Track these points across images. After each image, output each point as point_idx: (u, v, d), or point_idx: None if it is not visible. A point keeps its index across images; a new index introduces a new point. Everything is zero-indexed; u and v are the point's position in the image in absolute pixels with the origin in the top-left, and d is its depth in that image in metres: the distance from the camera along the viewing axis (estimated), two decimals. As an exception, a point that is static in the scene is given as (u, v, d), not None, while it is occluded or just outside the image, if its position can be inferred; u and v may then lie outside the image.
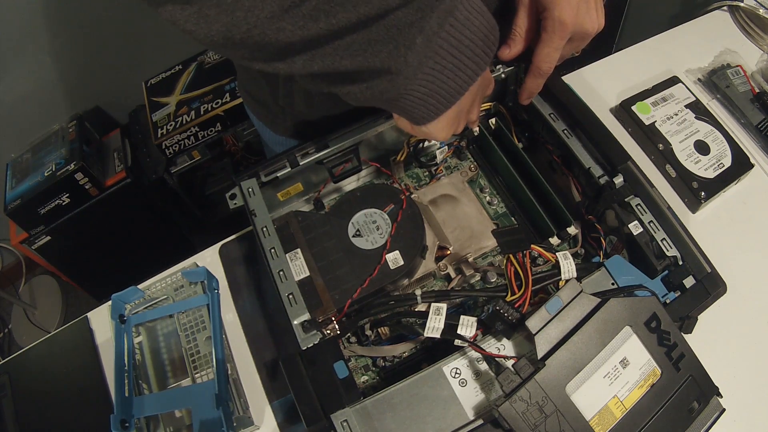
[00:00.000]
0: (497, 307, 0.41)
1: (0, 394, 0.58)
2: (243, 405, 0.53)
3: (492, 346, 0.42)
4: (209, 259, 0.63)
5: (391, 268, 0.49)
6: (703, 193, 0.62)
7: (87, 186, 1.28)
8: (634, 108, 0.68)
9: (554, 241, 0.52)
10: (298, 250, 0.50)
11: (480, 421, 0.38)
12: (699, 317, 0.45)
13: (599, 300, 0.40)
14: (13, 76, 1.31)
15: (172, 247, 1.52)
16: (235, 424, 0.51)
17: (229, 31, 0.34)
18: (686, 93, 0.70)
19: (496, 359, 0.41)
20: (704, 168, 0.64)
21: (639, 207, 0.49)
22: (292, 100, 0.57)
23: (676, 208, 0.49)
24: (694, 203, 0.63)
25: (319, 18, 0.34)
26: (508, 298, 0.44)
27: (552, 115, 0.55)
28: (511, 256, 0.44)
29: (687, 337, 0.41)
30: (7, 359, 0.61)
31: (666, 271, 0.46)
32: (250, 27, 0.34)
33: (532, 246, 0.46)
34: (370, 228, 0.52)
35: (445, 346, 0.43)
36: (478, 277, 0.52)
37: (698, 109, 0.68)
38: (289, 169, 0.54)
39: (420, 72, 0.38)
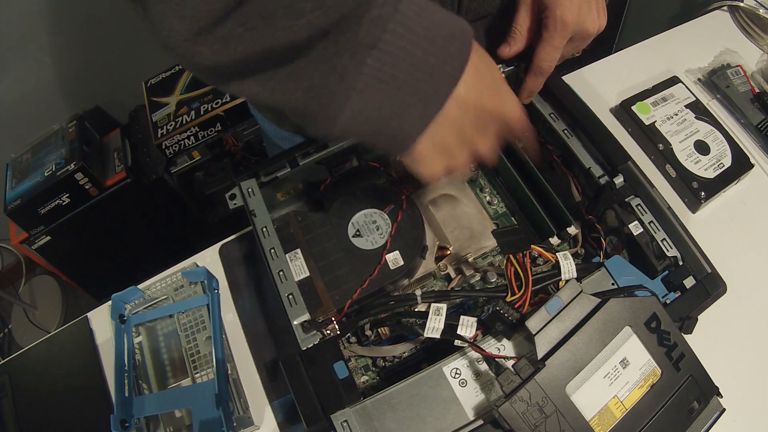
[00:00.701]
0: (497, 308, 0.41)
1: (0, 394, 0.58)
2: (243, 405, 0.53)
3: (492, 346, 0.42)
4: (209, 259, 0.63)
5: (391, 268, 0.49)
6: (703, 193, 0.62)
7: (87, 186, 1.28)
8: (634, 108, 0.68)
9: (554, 241, 0.52)
10: (298, 250, 0.50)
11: (480, 422, 0.38)
12: (699, 317, 0.45)
13: (599, 300, 0.40)
14: (13, 76, 1.31)
15: (172, 247, 1.52)
16: (235, 424, 0.51)
17: (164, 45, 0.34)
18: (686, 93, 0.70)
19: (496, 359, 0.41)
20: (704, 168, 0.64)
21: (639, 207, 0.49)
22: None
23: (676, 208, 0.49)
24: (694, 203, 0.63)
25: (230, 44, 0.32)
26: (508, 299, 0.44)
27: (552, 115, 0.55)
28: (511, 256, 0.44)
29: (687, 337, 0.41)
30: (7, 359, 0.61)
31: (666, 272, 0.46)
32: (174, 47, 0.33)
33: (532, 246, 0.46)
34: (370, 228, 0.52)
35: (445, 346, 0.43)
36: (478, 277, 0.52)
37: (698, 109, 0.68)
38: (289, 169, 0.54)
39: (342, 114, 0.33)
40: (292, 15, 0.30)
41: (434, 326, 0.43)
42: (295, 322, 0.45)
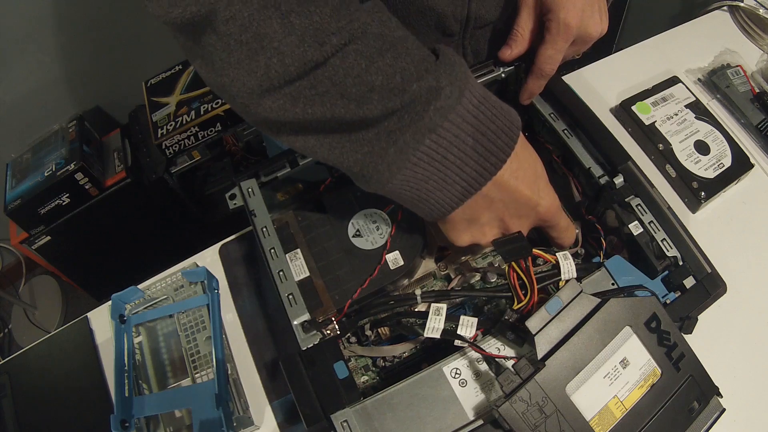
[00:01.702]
0: (506, 317, 0.42)
1: (0, 394, 0.58)
2: (243, 405, 0.53)
3: (492, 346, 0.42)
4: (209, 259, 0.63)
5: (391, 268, 0.49)
6: (703, 193, 0.62)
7: (87, 186, 1.28)
8: (634, 108, 0.68)
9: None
10: (298, 250, 0.50)
11: (480, 422, 0.38)
12: (699, 317, 0.45)
13: (599, 300, 0.40)
14: (14, 76, 1.31)
15: (172, 247, 1.51)
16: (235, 424, 0.51)
17: (221, 91, 0.36)
18: (686, 93, 0.70)
19: (496, 359, 0.41)
20: (704, 168, 0.64)
21: (639, 207, 0.49)
22: None
23: (676, 208, 0.49)
24: (694, 203, 0.63)
25: (298, 103, 0.34)
26: (515, 306, 0.44)
27: (552, 115, 0.55)
28: (513, 263, 0.44)
29: (687, 337, 0.41)
30: (7, 359, 0.61)
31: (666, 272, 0.46)
32: (234, 95, 0.35)
33: (534, 251, 0.46)
34: (370, 228, 0.52)
35: (445, 346, 0.43)
36: (477, 277, 0.52)
37: (698, 109, 0.68)
38: (289, 169, 0.54)
39: (394, 179, 0.37)
40: (363, 86, 0.33)
41: (434, 326, 0.43)
42: (295, 322, 0.45)
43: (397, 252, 0.50)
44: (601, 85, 0.73)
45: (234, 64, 0.33)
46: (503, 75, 0.56)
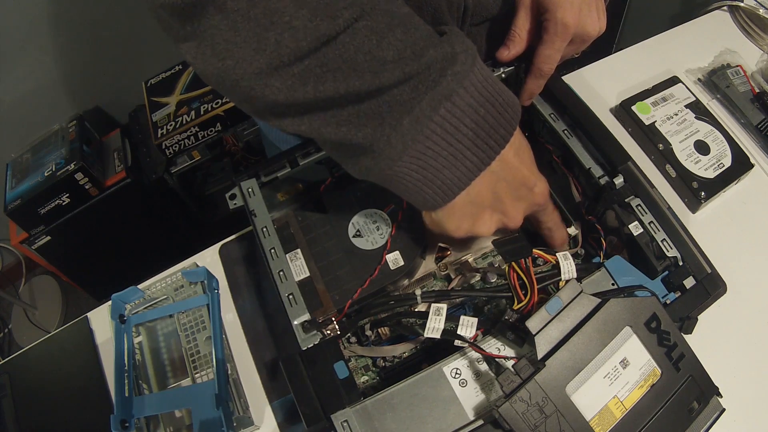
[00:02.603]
0: (507, 317, 0.42)
1: (0, 394, 0.58)
2: (243, 405, 0.53)
3: (492, 346, 0.42)
4: (209, 259, 0.63)
5: (392, 268, 0.49)
6: (703, 193, 0.62)
7: (87, 186, 1.28)
8: (634, 108, 0.68)
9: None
10: (298, 250, 0.50)
11: (480, 422, 0.38)
12: (699, 317, 0.45)
13: (599, 300, 0.40)
14: (14, 76, 1.31)
15: (172, 247, 1.52)
16: (235, 424, 0.51)
17: (220, 77, 0.34)
18: (686, 93, 0.70)
19: (496, 359, 0.41)
20: (704, 168, 0.64)
21: (639, 207, 0.49)
22: None
23: (676, 208, 0.49)
24: (694, 203, 0.63)
25: (308, 82, 0.33)
26: (515, 307, 0.44)
27: (552, 115, 0.55)
28: (513, 263, 0.44)
29: (687, 337, 0.41)
30: (7, 359, 0.61)
31: (666, 272, 0.46)
32: (238, 78, 0.33)
33: (534, 251, 0.46)
34: (370, 228, 0.52)
35: (446, 346, 0.43)
36: (478, 277, 0.52)
37: (698, 109, 0.68)
38: (289, 169, 0.54)
39: (405, 155, 0.35)
40: (375, 61, 0.33)
41: (434, 326, 0.43)
42: (295, 322, 0.45)
43: (397, 252, 0.50)
44: (601, 85, 0.73)
45: (240, 44, 0.32)
46: (503, 75, 0.56)
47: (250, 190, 0.52)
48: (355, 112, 0.34)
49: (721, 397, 0.41)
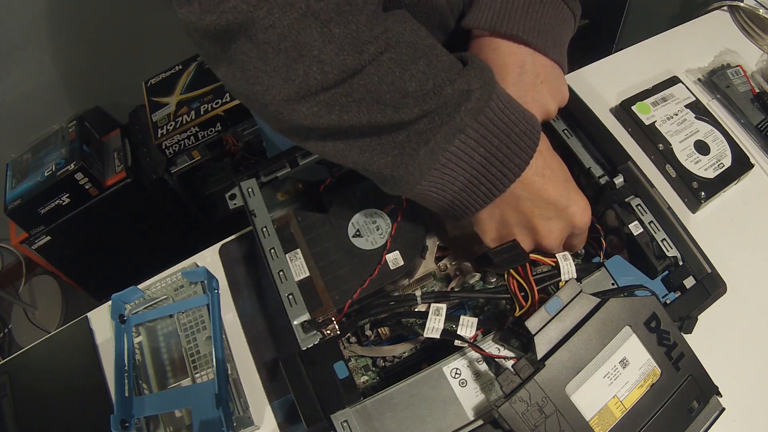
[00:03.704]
0: (510, 324, 0.42)
1: (0, 394, 0.58)
2: (243, 405, 0.53)
3: (492, 346, 0.42)
4: (209, 259, 0.63)
5: (391, 268, 0.49)
6: (703, 193, 0.62)
7: (87, 186, 1.28)
8: (634, 108, 0.68)
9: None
10: (298, 250, 0.50)
11: (480, 422, 0.38)
12: (699, 317, 0.45)
13: (599, 300, 0.40)
14: (13, 76, 1.31)
15: (172, 247, 1.51)
16: (235, 424, 0.51)
17: (250, 98, 0.36)
18: (686, 93, 0.70)
19: (496, 359, 0.41)
20: (704, 168, 0.64)
21: (639, 207, 0.49)
22: None
23: (676, 208, 0.49)
24: (694, 203, 0.63)
25: (333, 110, 0.35)
26: (517, 313, 0.44)
27: (552, 115, 0.55)
28: (512, 270, 0.44)
29: (687, 337, 0.41)
30: (7, 359, 0.61)
31: (666, 272, 0.46)
32: (267, 103, 0.35)
33: (531, 256, 0.46)
34: (370, 228, 0.52)
35: (445, 346, 0.43)
36: (478, 277, 0.52)
37: (698, 109, 0.68)
38: (289, 169, 0.54)
39: (423, 180, 0.38)
40: (397, 92, 0.35)
41: (434, 326, 0.43)
42: (295, 322, 0.45)
43: (397, 252, 0.50)
44: (601, 85, 0.73)
45: (270, 72, 0.33)
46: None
47: (250, 190, 0.52)
48: (377, 141, 0.37)
49: (721, 396, 0.41)
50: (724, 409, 0.40)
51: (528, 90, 0.44)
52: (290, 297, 0.46)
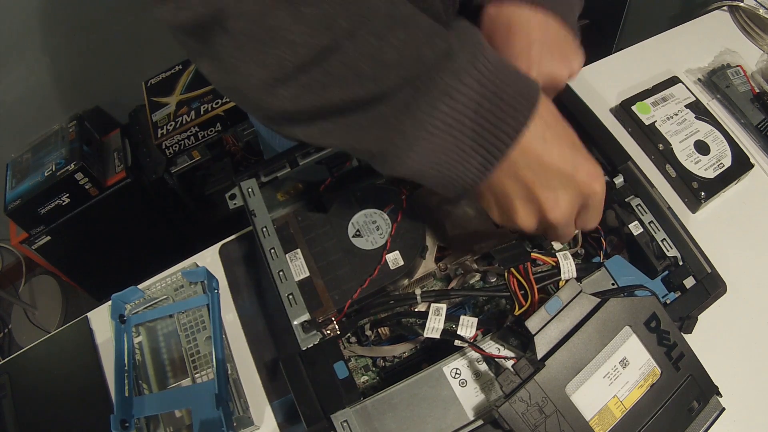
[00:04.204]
0: (509, 324, 0.42)
1: (0, 394, 0.58)
2: (243, 405, 0.53)
3: (492, 346, 0.42)
4: (209, 259, 0.63)
5: (391, 268, 0.49)
6: (703, 193, 0.62)
7: (87, 186, 1.28)
8: (634, 108, 0.68)
9: (556, 245, 0.52)
10: (298, 250, 0.50)
11: (480, 422, 0.38)
12: (699, 317, 0.45)
13: (599, 300, 0.40)
14: (14, 76, 1.31)
15: (172, 247, 1.52)
16: (235, 424, 0.51)
17: (232, 89, 0.36)
18: (686, 93, 0.70)
19: (496, 359, 0.41)
20: (704, 168, 0.64)
21: (639, 207, 0.49)
22: None
23: (676, 208, 0.49)
24: (694, 203, 0.63)
25: (313, 91, 0.34)
26: (517, 312, 0.44)
27: (552, 115, 0.54)
28: (512, 269, 0.44)
29: (687, 337, 0.41)
30: (7, 359, 0.61)
31: (666, 272, 0.46)
32: (247, 91, 0.35)
33: (532, 254, 0.46)
34: (370, 228, 0.52)
35: (445, 346, 0.43)
36: (478, 277, 0.52)
37: (698, 109, 0.68)
38: (289, 169, 0.54)
39: (413, 154, 0.36)
40: (378, 66, 0.33)
41: (434, 326, 0.43)
42: (295, 322, 0.45)
43: (397, 252, 0.50)
44: (601, 85, 0.73)
45: (246, 60, 0.33)
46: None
47: (250, 190, 0.52)
48: (362, 117, 0.35)
49: (721, 396, 0.41)
50: (724, 409, 0.40)
51: (537, 55, 0.42)
52: (290, 297, 0.46)
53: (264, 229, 0.50)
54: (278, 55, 0.32)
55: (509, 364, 0.39)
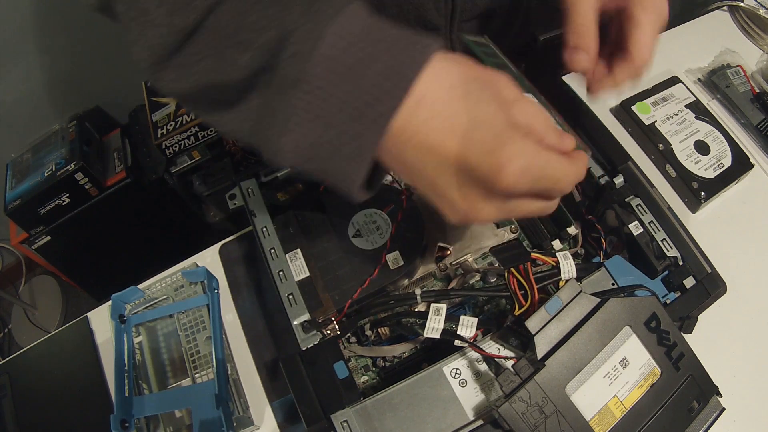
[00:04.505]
0: (509, 323, 0.42)
1: (0, 394, 0.58)
2: (243, 405, 0.53)
3: (492, 346, 0.42)
4: (209, 259, 0.63)
5: (391, 268, 0.49)
6: (703, 193, 0.62)
7: (87, 186, 1.27)
8: (634, 108, 0.68)
9: (556, 245, 0.52)
10: (298, 250, 0.50)
11: (480, 422, 0.38)
12: (699, 317, 0.45)
13: (599, 300, 0.40)
14: (14, 76, 1.31)
15: (172, 247, 1.52)
16: (235, 424, 0.51)
17: (139, 67, 0.35)
18: (686, 93, 0.70)
19: (496, 359, 0.41)
20: (704, 168, 0.64)
21: (639, 207, 0.49)
22: None
23: (676, 208, 0.49)
24: (694, 203, 0.63)
25: (190, 72, 0.32)
26: (516, 312, 0.44)
27: (552, 115, 0.54)
28: (512, 269, 0.44)
29: (687, 337, 0.41)
30: (7, 359, 0.61)
31: (666, 272, 0.47)
32: (143, 70, 0.34)
33: (532, 255, 0.46)
34: (370, 228, 0.52)
35: (445, 346, 0.43)
36: (478, 277, 0.52)
37: (698, 109, 0.68)
38: (289, 169, 0.54)
39: (285, 147, 0.31)
40: (236, 46, 0.31)
41: (434, 326, 0.43)
42: (295, 322, 0.45)
43: (397, 252, 0.50)
44: (601, 85, 0.73)
45: (132, 42, 0.33)
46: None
47: (250, 190, 0.52)
48: (239, 107, 0.32)
49: (721, 396, 0.41)
50: (724, 409, 0.40)
51: None
52: (290, 297, 0.46)
53: (264, 229, 0.50)
54: (150, 38, 0.32)
55: (509, 364, 0.39)
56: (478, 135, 0.29)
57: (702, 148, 0.65)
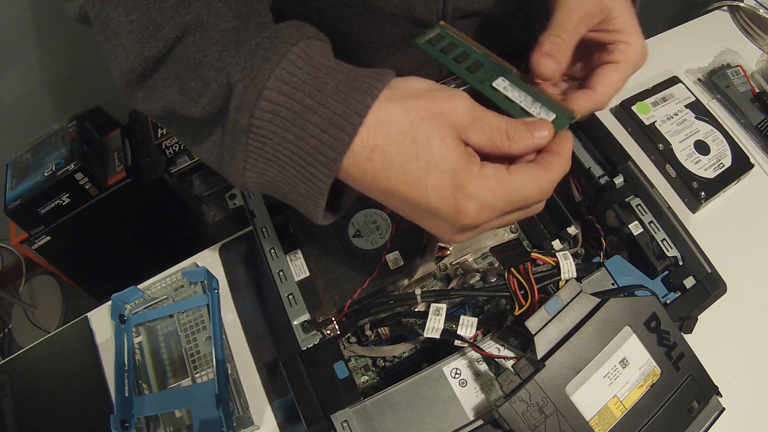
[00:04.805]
0: (509, 323, 0.42)
1: (0, 394, 0.58)
2: (243, 405, 0.53)
3: (492, 346, 0.42)
4: (209, 259, 0.63)
5: (391, 268, 0.49)
6: (703, 193, 0.62)
7: (87, 186, 1.27)
8: (634, 108, 0.68)
9: (556, 245, 0.52)
10: (298, 250, 0.50)
11: (480, 422, 0.38)
12: (699, 317, 0.45)
13: (599, 300, 0.40)
14: (13, 76, 1.31)
15: (172, 247, 1.52)
16: (235, 424, 0.51)
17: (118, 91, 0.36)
18: (686, 93, 0.70)
19: (496, 359, 0.41)
20: (704, 168, 0.64)
21: (639, 207, 0.49)
22: None
23: (676, 208, 0.49)
24: (694, 203, 0.63)
25: (154, 98, 0.33)
26: (516, 312, 0.44)
27: (552, 115, 0.54)
28: (512, 269, 0.44)
29: (687, 337, 0.41)
30: (7, 359, 0.61)
31: (666, 272, 0.46)
32: (118, 89, 0.35)
33: (533, 254, 0.46)
34: (370, 228, 0.52)
35: (445, 346, 0.43)
36: (478, 277, 0.52)
37: (698, 109, 0.68)
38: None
39: (248, 182, 0.32)
40: (199, 80, 0.31)
41: (434, 326, 0.43)
42: (295, 322, 0.45)
43: (397, 252, 0.50)
44: (601, 85, 0.73)
45: (108, 59, 0.34)
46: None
47: (250, 190, 0.52)
48: (202, 138, 0.33)
49: (721, 396, 0.41)
50: (724, 409, 0.40)
51: None
52: (290, 297, 0.46)
53: (264, 229, 0.50)
54: (122, 60, 0.33)
55: (509, 364, 0.39)
56: (432, 181, 0.30)
57: (702, 148, 0.65)
